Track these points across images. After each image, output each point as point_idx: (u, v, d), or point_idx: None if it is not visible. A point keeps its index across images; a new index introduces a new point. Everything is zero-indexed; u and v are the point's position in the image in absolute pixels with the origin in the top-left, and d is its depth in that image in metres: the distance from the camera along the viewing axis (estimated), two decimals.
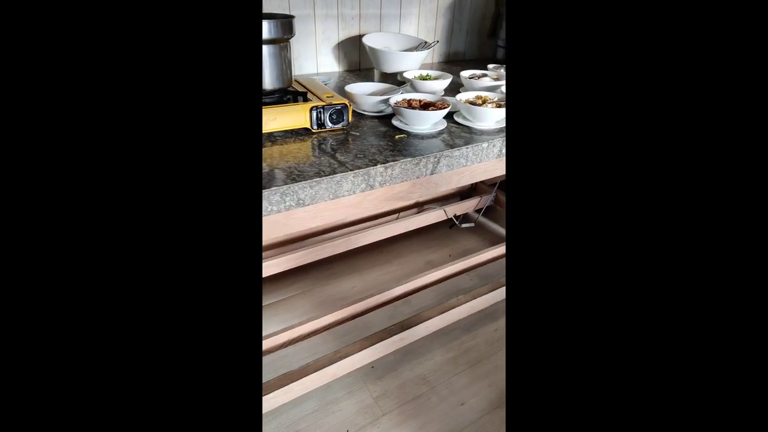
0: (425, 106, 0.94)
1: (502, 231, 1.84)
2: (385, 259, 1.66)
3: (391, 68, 1.22)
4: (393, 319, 1.39)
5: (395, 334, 1.12)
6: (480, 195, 1.82)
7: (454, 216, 1.77)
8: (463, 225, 1.80)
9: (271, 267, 1.39)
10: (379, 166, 0.76)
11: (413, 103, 0.94)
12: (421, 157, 0.80)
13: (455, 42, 1.58)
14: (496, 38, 1.46)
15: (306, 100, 0.88)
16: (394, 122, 0.93)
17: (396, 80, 1.23)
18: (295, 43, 1.27)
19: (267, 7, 1.18)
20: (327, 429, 1.07)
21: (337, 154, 0.79)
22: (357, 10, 1.32)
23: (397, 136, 0.88)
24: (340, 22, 1.31)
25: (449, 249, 1.73)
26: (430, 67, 1.50)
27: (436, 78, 1.15)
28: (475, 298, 1.25)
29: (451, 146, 0.85)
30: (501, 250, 1.58)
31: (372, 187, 0.77)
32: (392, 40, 1.35)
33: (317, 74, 1.33)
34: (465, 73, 1.18)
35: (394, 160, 0.78)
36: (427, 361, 1.26)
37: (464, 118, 0.96)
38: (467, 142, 0.87)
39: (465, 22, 1.56)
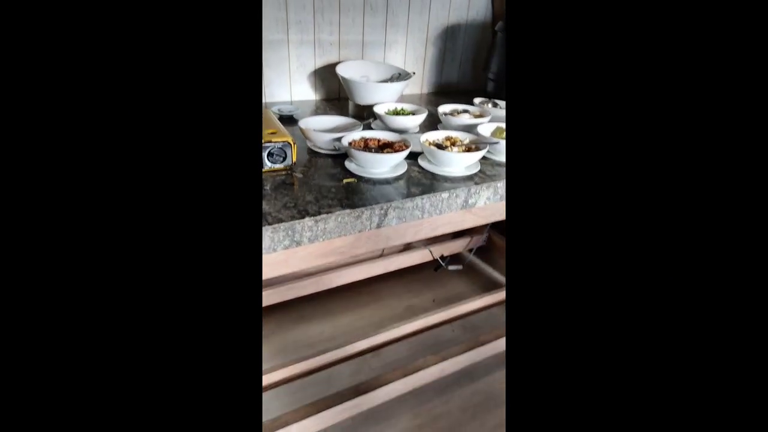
0: (384, 146, 0.83)
1: (494, 274, 1.69)
2: (361, 302, 1.53)
3: (365, 100, 1.11)
4: (358, 374, 1.25)
5: (348, 401, 0.98)
6: (471, 235, 1.68)
7: (441, 257, 1.63)
8: (451, 267, 1.66)
9: None
10: (307, 219, 0.64)
11: (371, 143, 0.83)
12: (363, 209, 0.68)
13: (447, 72, 1.47)
14: (488, 71, 1.34)
15: None
16: (347, 164, 0.81)
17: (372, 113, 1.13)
18: (266, 69, 1.19)
19: None
20: None
21: (263, 202, 0.67)
22: (336, 36, 1.23)
23: (344, 181, 0.76)
24: (317, 49, 1.23)
25: (433, 293, 1.58)
26: (419, 98, 1.40)
27: (410, 113, 1.04)
28: (445, 360, 1.10)
29: (405, 195, 0.73)
30: (490, 298, 1.43)
31: (299, 244, 0.65)
32: (372, 69, 1.25)
33: (291, 102, 1.24)
34: (444, 108, 1.07)
35: (328, 212, 0.66)
36: (389, 429, 1.11)
37: (428, 161, 0.84)
38: (425, 191, 0.75)
39: (458, 52, 1.46)
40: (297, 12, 1.15)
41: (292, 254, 0.69)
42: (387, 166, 0.79)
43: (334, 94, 1.31)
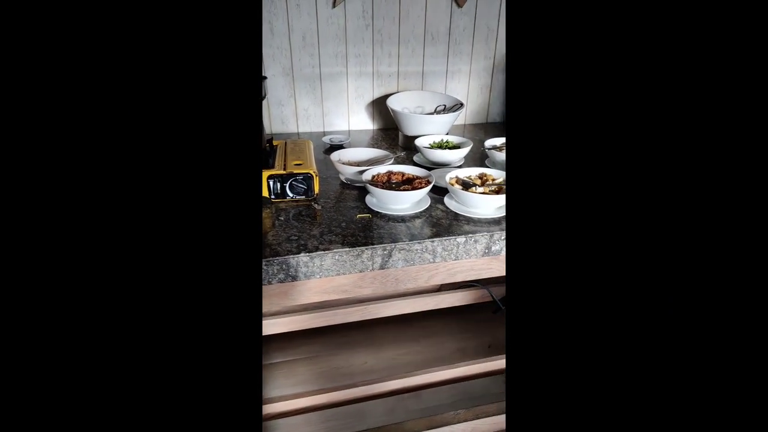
0: (407, 181, 0.79)
1: None
2: (410, 337, 1.47)
3: (412, 131, 1.09)
4: (391, 414, 1.19)
5: None
6: None
7: (502, 299, 1.49)
8: None
9: (276, 326, 1.32)
10: (302, 255, 0.63)
11: (394, 178, 0.80)
12: (364, 249, 0.65)
13: None
14: None
15: (270, 166, 0.81)
16: (367, 199, 0.79)
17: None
18: (326, 100, 1.24)
19: (297, 65, 1.17)
20: None
21: (270, 234, 0.69)
22: (395, 67, 1.24)
23: (357, 216, 0.74)
24: (375, 80, 1.24)
25: (489, 338, 1.45)
26: (483, 128, 1.33)
27: (455, 146, 0.99)
28: (478, 418, 0.99)
29: (414, 237, 0.68)
30: None
31: (295, 279, 0.65)
32: (429, 100, 1.22)
33: (348, 132, 1.27)
34: (493, 141, 0.99)
35: (325, 249, 0.64)
36: None
37: (454, 201, 0.78)
38: (438, 234, 0.69)
39: None
40: (356, 45, 1.18)
41: (291, 288, 0.68)
42: (405, 203, 0.75)
43: (391, 124, 1.31)
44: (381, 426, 0.98)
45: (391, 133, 1.26)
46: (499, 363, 1.23)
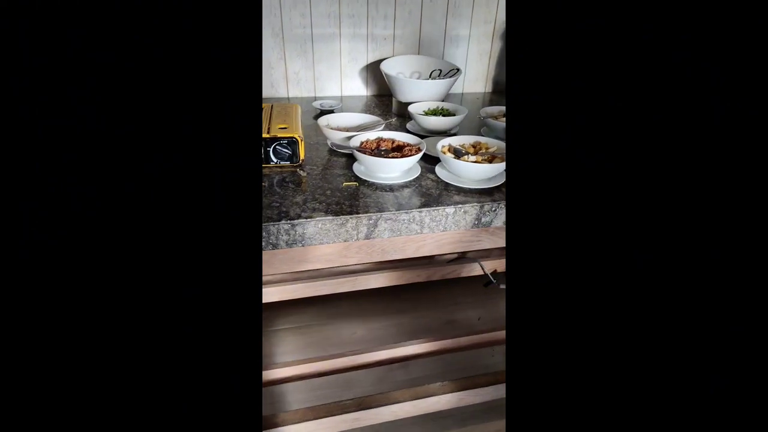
0: (397, 149, 0.76)
1: None
2: (400, 308, 1.47)
3: (407, 97, 1.04)
4: (379, 384, 1.20)
5: (348, 413, 0.94)
6: None
7: (493, 273, 1.48)
8: (503, 285, 1.50)
9: (265, 295, 1.31)
10: (284, 222, 0.61)
11: (383, 145, 0.76)
12: (348, 218, 0.63)
13: None
14: None
15: None
16: (355, 167, 0.76)
17: None
18: (317, 64, 1.18)
19: (287, 25, 1.11)
20: None
21: None
22: (390, 30, 1.18)
23: (344, 184, 0.71)
24: (369, 43, 1.18)
25: (480, 311, 1.45)
26: (482, 97, 1.28)
27: (451, 113, 0.95)
28: (464, 389, 0.99)
29: (401, 206, 0.65)
30: None
31: (275, 246, 0.62)
32: (426, 65, 1.17)
33: (340, 98, 1.22)
34: (489, 110, 0.95)
35: (308, 217, 0.62)
36: None
37: (445, 170, 0.74)
38: (426, 204, 0.66)
39: None
40: (350, 5, 1.12)
41: (271, 256, 0.66)
42: (394, 171, 0.72)
43: (385, 90, 1.25)
44: (367, 395, 0.99)
45: (385, 100, 1.21)
46: (488, 336, 1.23)
